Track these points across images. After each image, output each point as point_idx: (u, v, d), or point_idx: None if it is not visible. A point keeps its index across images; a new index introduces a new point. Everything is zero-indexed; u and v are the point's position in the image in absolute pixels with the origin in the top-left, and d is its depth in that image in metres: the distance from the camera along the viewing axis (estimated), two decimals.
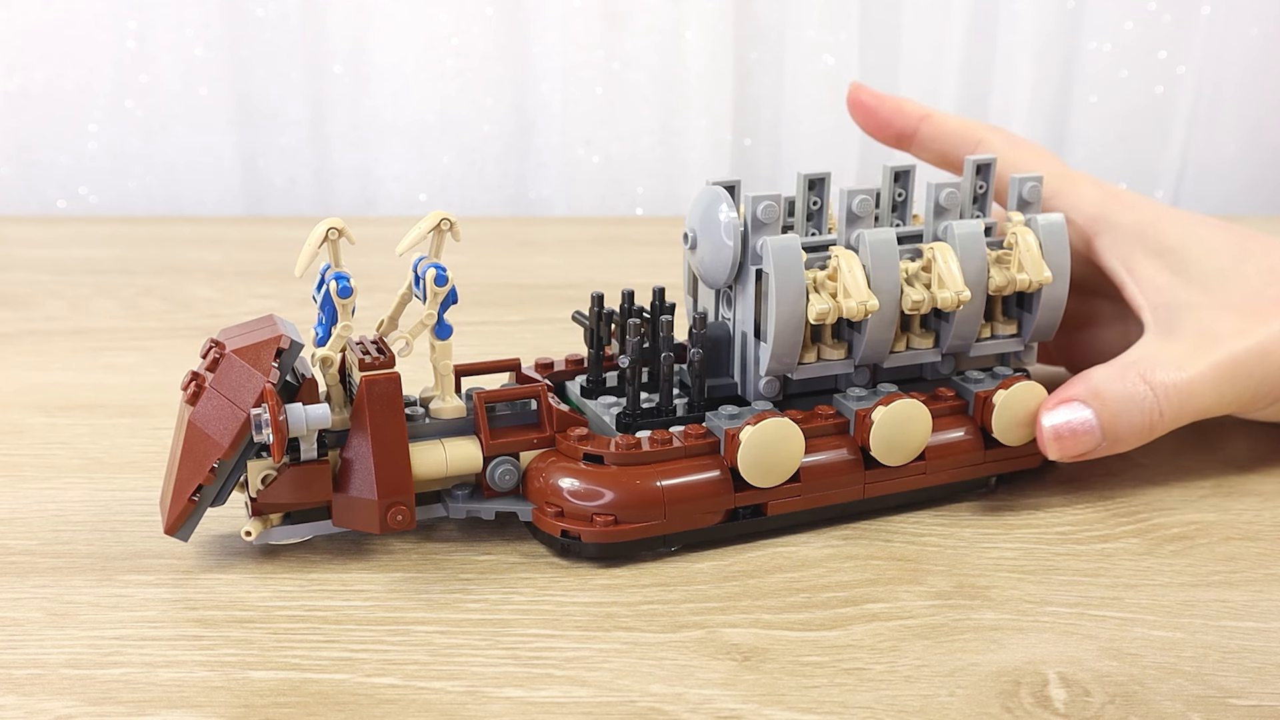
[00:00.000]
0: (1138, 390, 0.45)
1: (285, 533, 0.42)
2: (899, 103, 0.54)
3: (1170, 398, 0.45)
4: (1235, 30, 1.00)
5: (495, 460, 0.43)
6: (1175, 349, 0.46)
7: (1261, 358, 0.46)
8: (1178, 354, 0.46)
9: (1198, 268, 0.48)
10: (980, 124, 0.53)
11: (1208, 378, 0.45)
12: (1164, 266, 0.48)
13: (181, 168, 0.99)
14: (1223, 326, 0.46)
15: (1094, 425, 0.44)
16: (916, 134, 0.53)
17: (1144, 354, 0.46)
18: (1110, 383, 0.45)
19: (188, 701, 0.35)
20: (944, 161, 0.54)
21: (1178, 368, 0.45)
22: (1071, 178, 0.51)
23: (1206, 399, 0.46)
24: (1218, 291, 0.47)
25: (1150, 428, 0.45)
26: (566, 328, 0.65)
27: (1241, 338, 0.46)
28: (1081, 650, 0.37)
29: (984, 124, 0.53)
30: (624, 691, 0.35)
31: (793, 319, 0.43)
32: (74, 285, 0.75)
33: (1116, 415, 0.44)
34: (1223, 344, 0.46)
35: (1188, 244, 0.48)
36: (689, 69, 0.99)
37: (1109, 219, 0.49)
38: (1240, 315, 0.46)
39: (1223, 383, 0.46)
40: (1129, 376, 0.45)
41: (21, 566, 0.42)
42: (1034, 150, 0.52)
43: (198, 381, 0.41)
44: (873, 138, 0.55)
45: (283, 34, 0.96)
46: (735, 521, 0.43)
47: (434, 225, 0.41)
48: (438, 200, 1.00)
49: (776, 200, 0.44)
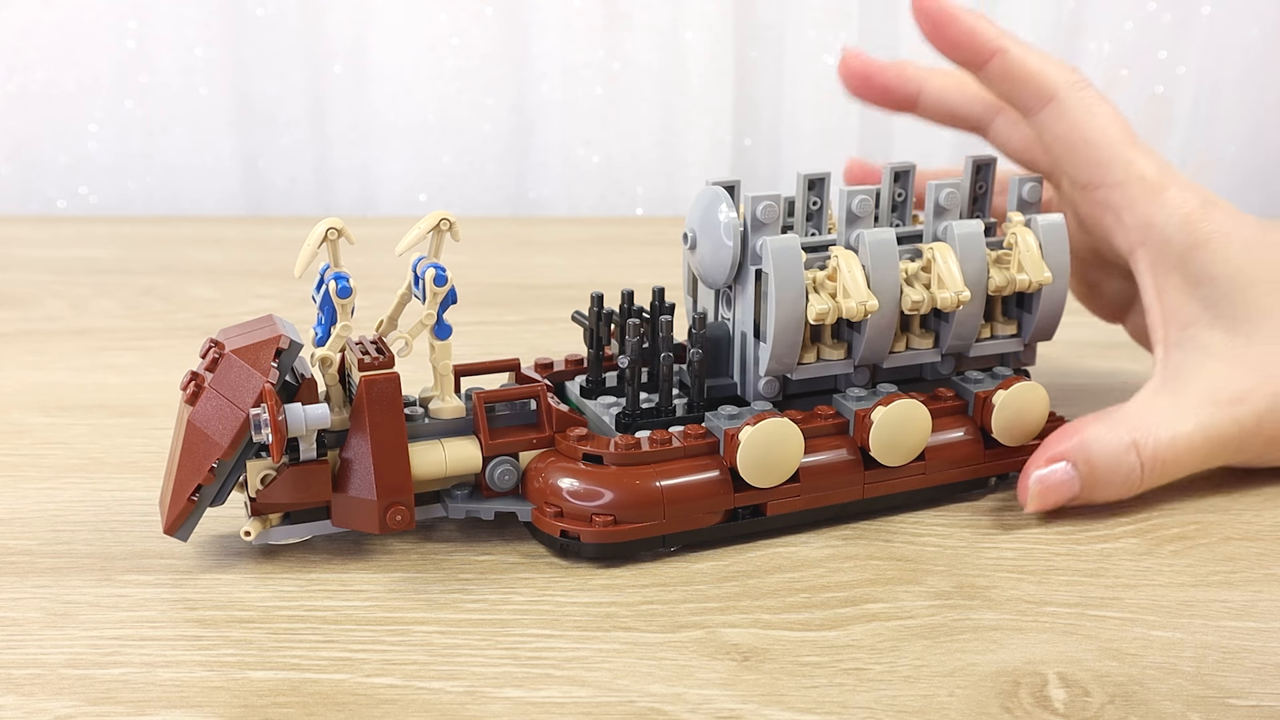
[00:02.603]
0: (1127, 457, 0.44)
1: (284, 533, 0.42)
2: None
3: (1154, 469, 0.45)
4: (1235, 30, 0.99)
5: (494, 460, 0.43)
6: (1173, 412, 0.45)
7: (1255, 433, 0.45)
8: (1173, 419, 0.45)
9: (1228, 306, 0.45)
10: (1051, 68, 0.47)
11: (1196, 452, 0.45)
12: (1196, 298, 0.46)
13: (181, 168, 0.99)
14: (1228, 389, 0.45)
15: (1073, 483, 0.44)
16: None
17: (1141, 417, 0.45)
18: (1100, 443, 0.44)
19: (187, 701, 0.35)
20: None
21: (1170, 439, 0.44)
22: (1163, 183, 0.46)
23: (1188, 467, 0.46)
24: (1241, 336, 0.45)
25: (1128, 491, 0.45)
26: (566, 328, 0.65)
27: (1240, 407, 0.45)
28: (1081, 650, 0.37)
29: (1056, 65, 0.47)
30: (623, 691, 0.35)
31: (792, 319, 0.43)
32: (74, 285, 0.75)
33: (1100, 476, 0.44)
34: (1219, 414, 0.45)
35: (1231, 278, 0.45)
36: (689, 69, 0.99)
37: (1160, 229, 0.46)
38: (1251, 372, 0.45)
39: (1210, 456, 0.46)
40: (1121, 440, 0.44)
41: (21, 566, 0.42)
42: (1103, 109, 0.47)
43: (197, 381, 0.41)
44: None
45: (283, 34, 0.96)
46: (735, 522, 0.43)
47: (434, 225, 0.41)
48: (438, 200, 1.00)
49: (776, 200, 0.44)
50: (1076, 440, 0.44)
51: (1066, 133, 0.46)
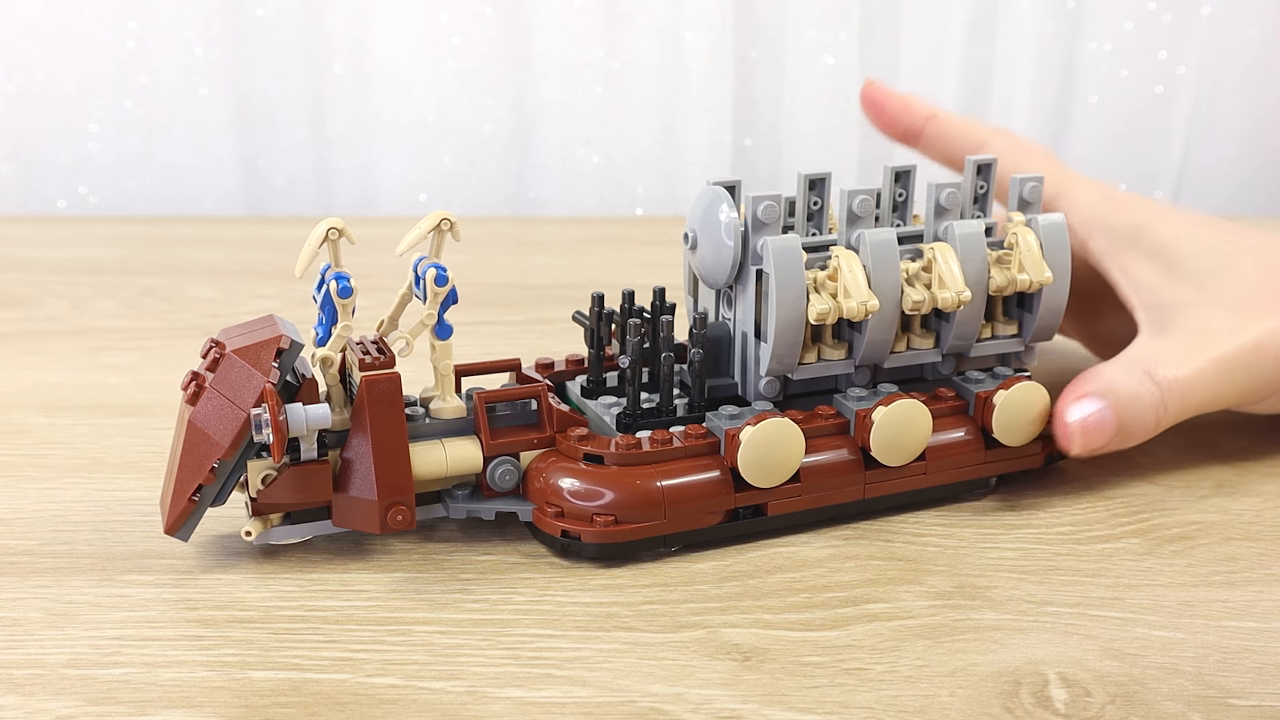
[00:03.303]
0: (1145, 387, 0.45)
1: (285, 533, 0.42)
2: (907, 100, 0.55)
3: (1173, 393, 0.46)
4: (1235, 30, 1.00)
5: (495, 460, 0.43)
6: (1172, 347, 0.46)
7: (1257, 354, 0.46)
8: (1175, 351, 0.46)
9: (1190, 267, 0.48)
10: (984, 126, 0.54)
11: (1206, 374, 0.46)
12: (1157, 267, 0.49)
13: (181, 168, 0.99)
14: (1217, 325, 0.47)
15: (1110, 419, 0.45)
16: (923, 132, 0.54)
17: (1145, 351, 0.47)
18: (1120, 379, 0.46)
19: (188, 701, 0.35)
20: (949, 161, 0.54)
21: (1177, 364, 0.46)
22: (1069, 180, 0.51)
23: (1205, 394, 0.46)
24: (1211, 289, 0.48)
25: (1156, 423, 0.46)
26: (566, 328, 0.65)
27: (1236, 335, 0.46)
28: (1082, 650, 0.37)
29: (988, 126, 0.54)
30: (624, 691, 0.35)
31: (793, 319, 0.43)
32: (74, 285, 0.75)
33: (1127, 410, 0.45)
34: (1218, 341, 0.46)
35: (1180, 242, 0.49)
36: (689, 69, 0.99)
37: (1103, 220, 0.50)
38: (1234, 312, 0.47)
39: (1221, 379, 0.46)
40: (1135, 373, 0.46)
41: (21, 566, 0.42)
42: (1035, 152, 0.53)
43: (198, 381, 0.41)
44: (883, 133, 0.56)
45: (283, 34, 0.96)
46: (735, 522, 0.43)
47: (434, 225, 0.41)
48: (438, 200, 1.00)
49: (777, 200, 0.44)
50: (1099, 380, 0.46)
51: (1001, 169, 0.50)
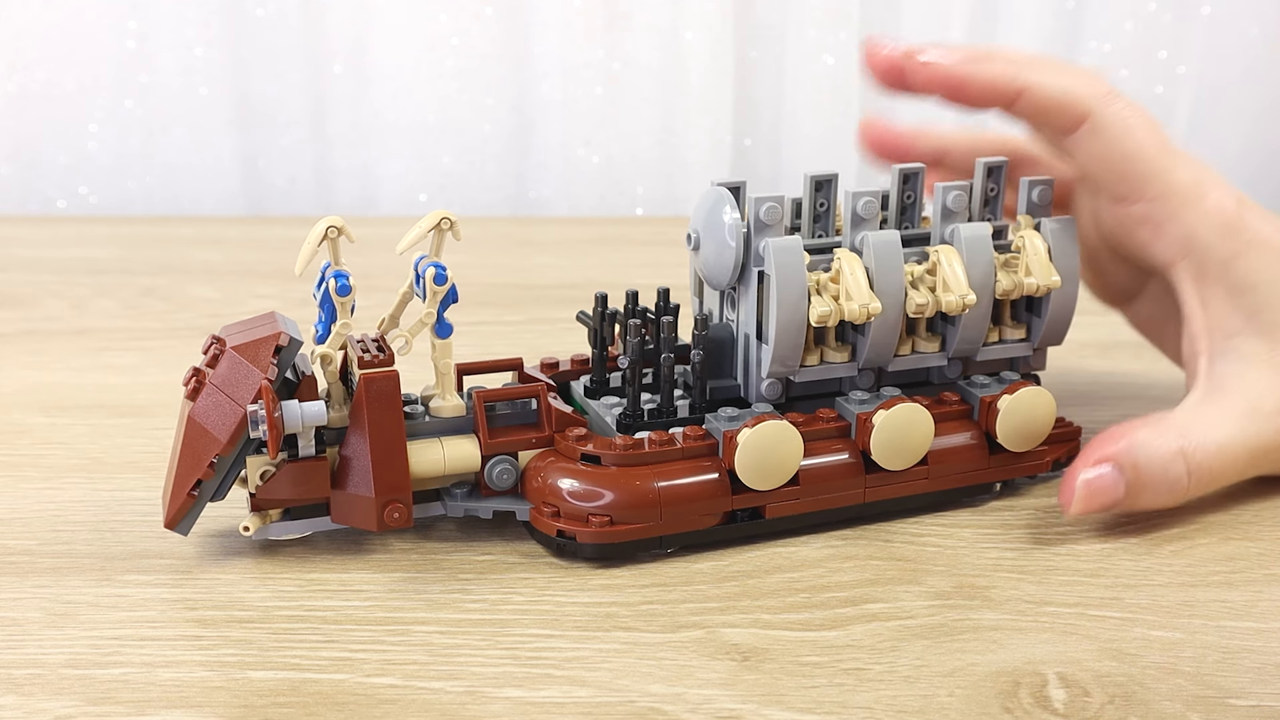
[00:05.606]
0: (1175, 466, 0.43)
1: (284, 528, 0.42)
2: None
3: (1200, 478, 0.44)
4: (1235, 30, 0.99)
5: (493, 459, 0.43)
6: (1219, 426, 0.44)
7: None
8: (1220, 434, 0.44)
9: (1270, 314, 0.45)
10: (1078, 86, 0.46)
11: (1240, 460, 0.45)
12: (1238, 308, 0.45)
13: (181, 168, 0.99)
14: (1271, 398, 0.45)
15: (1120, 488, 0.43)
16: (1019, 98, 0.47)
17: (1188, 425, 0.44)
18: (1149, 453, 0.43)
19: (187, 701, 0.35)
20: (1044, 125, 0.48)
21: (1218, 450, 0.44)
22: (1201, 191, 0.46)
23: (1233, 477, 0.45)
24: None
25: (1171, 500, 0.44)
26: (566, 328, 0.65)
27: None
28: (1081, 650, 0.37)
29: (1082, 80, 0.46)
30: (623, 691, 0.35)
31: (794, 321, 0.43)
32: (74, 285, 0.75)
33: (1144, 486, 0.43)
34: (1265, 423, 0.44)
35: (1272, 285, 0.45)
36: (689, 69, 0.99)
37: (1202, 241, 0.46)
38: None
39: (1252, 464, 0.45)
40: (1168, 446, 0.43)
41: (21, 566, 0.42)
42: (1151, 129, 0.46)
43: (199, 377, 0.41)
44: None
45: (283, 34, 0.96)
46: (733, 524, 0.43)
47: (434, 224, 0.41)
48: (438, 200, 1.00)
49: (779, 201, 0.43)
50: (1124, 444, 0.43)
51: (1103, 150, 0.46)
